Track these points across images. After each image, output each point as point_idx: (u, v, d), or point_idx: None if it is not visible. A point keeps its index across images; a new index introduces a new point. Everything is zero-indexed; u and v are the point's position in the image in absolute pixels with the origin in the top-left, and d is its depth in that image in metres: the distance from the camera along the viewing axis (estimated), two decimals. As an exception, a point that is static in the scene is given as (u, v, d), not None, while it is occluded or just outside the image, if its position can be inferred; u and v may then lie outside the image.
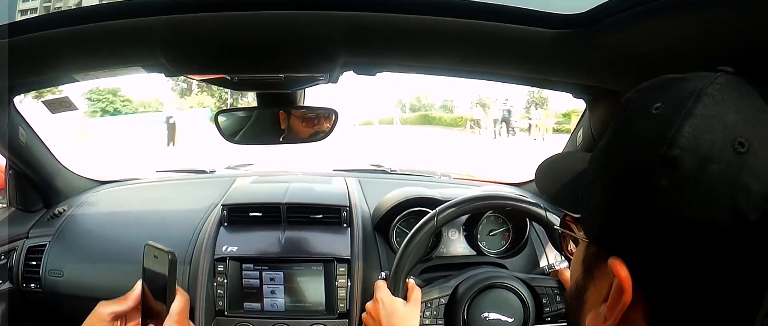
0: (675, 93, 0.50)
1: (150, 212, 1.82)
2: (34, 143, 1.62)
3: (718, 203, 0.45)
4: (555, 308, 1.29)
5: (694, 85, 0.49)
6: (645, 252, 0.49)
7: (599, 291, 0.55)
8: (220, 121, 1.51)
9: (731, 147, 0.45)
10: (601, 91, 1.19)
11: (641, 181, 0.48)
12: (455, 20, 0.94)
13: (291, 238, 1.58)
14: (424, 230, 1.26)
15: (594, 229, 0.56)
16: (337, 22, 0.95)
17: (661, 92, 0.51)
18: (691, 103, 0.47)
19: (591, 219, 0.57)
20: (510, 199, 1.33)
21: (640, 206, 0.48)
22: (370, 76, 1.22)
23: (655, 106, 0.50)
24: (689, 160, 0.46)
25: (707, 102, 0.47)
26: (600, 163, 0.57)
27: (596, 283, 0.56)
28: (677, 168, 0.46)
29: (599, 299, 0.55)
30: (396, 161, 2.48)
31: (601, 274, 0.55)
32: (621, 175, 0.51)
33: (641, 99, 0.53)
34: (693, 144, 0.46)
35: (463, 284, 1.28)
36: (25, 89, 1.37)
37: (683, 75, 0.52)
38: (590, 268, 0.57)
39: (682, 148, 0.46)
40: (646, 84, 0.55)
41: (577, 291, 0.61)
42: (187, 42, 1.01)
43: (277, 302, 1.52)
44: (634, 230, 0.50)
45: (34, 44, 1.01)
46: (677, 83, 0.51)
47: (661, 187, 0.46)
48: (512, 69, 1.13)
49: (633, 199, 0.49)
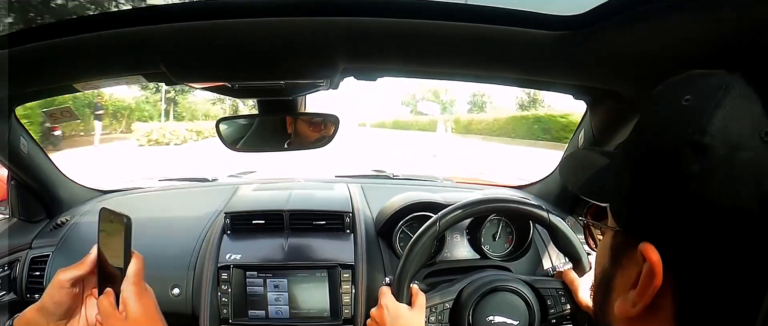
0: (703, 86, 0.52)
1: (153, 221, 1.82)
2: (35, 153, 1.62)
3: (747, 188, 0.47)
4: (560, 310, 1.28)
5: (721, 80, 0.51)
6: (675, 237, 0.51)
7: (627, 278, 0.57)
8: (222, 128, 1.51)
9: (759, 135, 0.48)
10: (601, 92, 1.19)
11: (673, 167, 0.50)
12: (454, 24, 0.94)
13: (294, 245, 1.58)
14: (427, 234, 1.26)
15: (623, 216, 0.58)
16: (336, 28, 0.96)
17: (690, 86, 0.53)
18: (721, 95, 0.50)
19: (620, 207, 0.59)
20: (512, 202, 1.33)
21: (672, 191, 0.50)
22: (370, 81, 1.23)
23: (685, 97, 0.52)
24: (720, 147, 0.48)
25: (734, 95, 0.49)
26: (629, 153, 0.59)
27: (624, 271, 0.58)
28: (708, 155, 0.48)
29: (627, 285, 0.56)
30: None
31: (629, 261, 0.56)
32: (652, 162, 0.53)
33: (670, 92, 0.55)
34: (723, 132, 0.48)
35: (467, 288, 1.28)
36: (26, 99, 1.37)
37: (710, 71, 0.54)
38: (618, 256, 0.59)
39: (714, 135, 0.48)
40: (674, 79, 0.57)
41: (603, 278, 0.63)
42: (187, 50, 1.01)
43: (282, 309, 1.51)
44: (664, 215, 0.51)
45: (35, 54, 1.01)
46: (704, 78, 0.53)
47: (693, 173, 0.49)
48: (512, 72, 1.13)
49: (664, 185, 0.51)
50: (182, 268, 1.59)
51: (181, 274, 1.58)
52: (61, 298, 0.89)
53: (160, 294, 1.55)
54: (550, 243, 1.63)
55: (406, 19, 0.94)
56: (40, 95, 1.35)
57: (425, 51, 1.05)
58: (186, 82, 1.19)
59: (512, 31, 0.95)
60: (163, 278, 1.58)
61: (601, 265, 0.64)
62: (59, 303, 0.89)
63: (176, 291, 1.56)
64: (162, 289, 1.57)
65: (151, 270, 1.59)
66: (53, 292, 0.89)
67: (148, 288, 0.95)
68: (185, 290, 1.56)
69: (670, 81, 0.57)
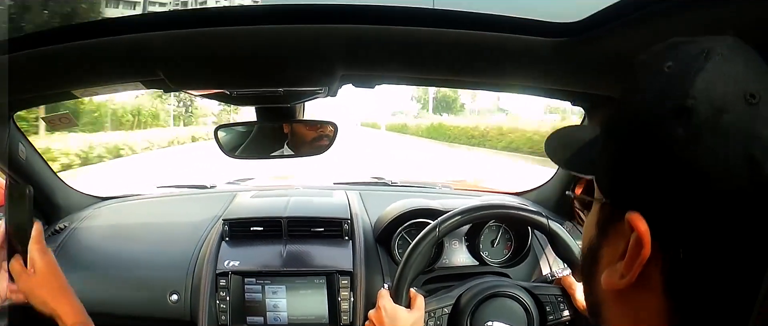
0: (685, 52, 0.51)
1: (151, 228, 1.82)
2: (33, 159, 1.62)
3: (734, 151, 0.46)
4: (558, 316, 1.28)
5: (704, 44, 0.50)
6: (663, 205, 0.49)
7: (614, 249, 0.55)
8: (220, 135, 1.51)
9: (743, 98, 0.46)
10: (599, 98, 1.20)
11: (657, 133, 0.49)
12: (453, 31, 0.94)
13: (293, 252, 1.58)
14: (425, 241, 1.26)
15: (609, 187, 0.57)
16: (334, 35, 0.96)
17: (672, 52, 0.52)
18: (703, 60, 0.48)
19: (606, 178, 0.58)
20: (511, 208, 1.33)
21: (657, 157, 0.49)
22: (368, 88, 1.23)
23: (667, 64, 0.51)
24: (704, 109, 0.47)
25: (717, 59, 0.48)
26: (613, 123, 0.58)
27: (611, 242, 0.56)
28: (693, 118, 0.47)
29: (615, 257, 0.55)
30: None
31: (616, 233, 0.55)
32: (635, 130, 0.52)
33: (652, 59, 0.54)
34: (707, 94, 0.47)
35: (466, 294, 1.28)
36: (25, 105, 1.38)
37: (692, 37, 0.53)
38: (605, 228, 0.58)
39: (697, 98, 0.47)
40: (656, 47, 0.55)
41: (590, 251, 0.61)
42: (186, 58, 1.02)
43: (280, 316, 1.51)
44: (651, 182, 0.50)
45: (34, 60, 1.01)
46: (687, 44, 0.52)
47: (678, 137, 0.47)
48: (510, 78, 1.13)
49: (649, 151, 0.50)
50: (180, 275, 1.59)
51: (180, 281, 1.58)
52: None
53: (159, 300, 1.56)
54: (548, 249, 1.63)
55: (405, 26, 0.94)
56: (38, 101, 1.35)
57: (424, 58, 1.05)
58: (184, 89, 1.19)
59: (510, 38, 0.95)
60: (161, 284, 1.58)
61: (588, 238, 0.62)
62: None
63: (174, 297, 1.56)
64: (160, 295, 1.57)
65: (149, 276, 1.60)
66: None
67: (47, 248, 1.10)
68: (183, 296, 1.56)
69: (651, 49, 0.56)
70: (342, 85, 1.23)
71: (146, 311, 1.57)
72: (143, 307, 1.57)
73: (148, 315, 1.57)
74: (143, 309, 1.57)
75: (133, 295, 1.57)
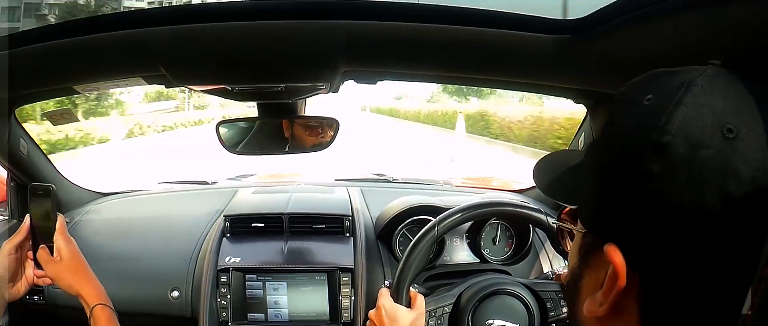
0: (665, 84, 0.51)
1: (152, 224, 1.82)
2: (35, 155, 1.62)
3: (709, 187, 0.46)
4: (559, 312, 1.28)
5: (684, 76, 0.50)
6: (638, 238, 0.50)
7: (595, 278, 0.56)
8: (222, 131, 1.51)
9: (720, 133, 0.46)
10: (601, 96, 1.19)
11: (634, 168, 0.49)
12: (455, 27, 0.94)
13: (294, 248, 1.58)
14: (426, 238, 1.25)
15: (588, 218, 0.58)
16: (336, 31, 0.96)
17: (652, 85, 0.53)
18: (681, 93, 0.49)
19: (586, 209, 0.59)
20: (512, 206, 1.33)
21: (633, 192, 0.50)
22: (370, 84, 1.23)
23: (647, 97, 0.51)
24: (680, 145, 0.47)
25: (696, 92, 0.48)
26: (593, 153, 0.60)
27: (592, 272, 0.58)
28: (669, 154, 0.47)
29: (596, 286, 0.56)
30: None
31: (597, 263, 0.56)
32: (614, 163, 0.53)
33: (633, 91, 0.55)
34: (684, 130, 0.47)
35: (467, 291, 1.28)
36: (26, 101, 1.37)
37: (675, 69, 0.54)
38: (586, 257, 0.59)
39: (673, 134, 0.47)
40: (638, 78, 0.57)
41: (573, 279, 0.62)
42: (187, 53, 1.01)
43: (281, 312, 1.51)
44: (627, 216, 0.51)
45: (35, 56, 1.01)
46: (668, 76, 0.53)
47: (654, 173, 0.48)
48: (512, 75, 1.13)
49: (626, 186, 0.50)
50: (181, 271, 1.59)
51: (181, 277, 1.58)
52: (8, 264, 1.15)
53: (160, 297, 1.56)
54: (548, 246, 1.63)
55: (407, 22, 0.94)
56: (40, 97, 1.35)
57: (425, 54, 1.05)
58: (185, 84, 1.19)
59: (513, 34, 0.95)
60: (162, 281, 1.58)
61: (571, 265, 0.64)
62: (7, 267, 1.15)
63: (175, 293, 1.56)
64: (161, 292, 1.57)
65: (150, 272, 1.60)
66: (2, 260, 1.15)
67: (70, 237, 1.21)
68: (184, 293, 1.56)
69: (633, 81, 0.57)
70: (344, 81, 1.22)
71: (147, 307, 1.58)
72: (144, 303, 1.57)
73: (149, 312, 1.58)
74: (144, 305, 1.57)
75: (134, 291, 1.57)
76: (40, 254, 1.17)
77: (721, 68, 0.51)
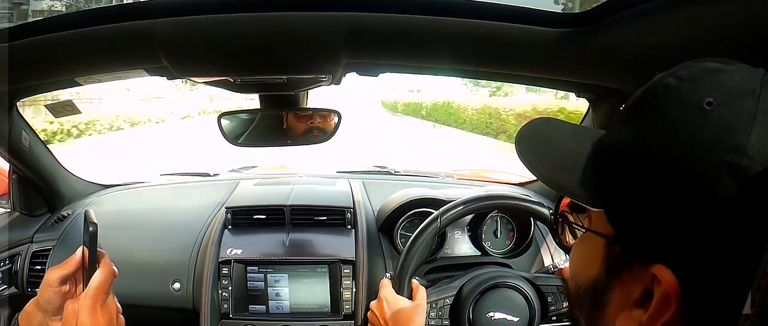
0: (726, 87, 0.47)
1: (154, 215, 1.82)
2: (37, 147, 1.62)
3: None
4: (560, 307, 1.29)
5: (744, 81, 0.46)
6: (699, 264, 0.47)
7: (628, 293, 0.52)
8: (224, 123, 1.51)
9: None
10: (604, 89, 1.19)
11: (704, 190, 0.45)
12: (458, 20, 0.94)
13: (295, 240, 1.58)
14: (428, 230, 1.26)
15: (627, 232, 0.52)
16: (339, 23, 0.95)
17: (709, 84, 0.48)
18: (753, 103, 0.45)
19: (623, 221, 0.53)
20: (514, 199, 1.33)
21: (702, 215, 0.45)
22: (372, 76, 1.22)
23: (707, 100, 0.46)
24: (757, 169, 0.43)
25: (764, 105, 0.45)
26: (634, 158, 0.51)
27: (624, 286, 0.53)
28: (746, 179, 0.43)
29: (628, 302, 0.52)
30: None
31: (632, 277, 0.52)
32: (674, 179, 0.47)
33: (684, 89, 0.49)
34: (762, 153, 0.43)
35: (468, 284, 1.28)
36: (27, 93, 1.37)
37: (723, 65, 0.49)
38: (617, 269, 0.54)
39: (752, 157, 0.43)
40: (686, 71, 0.50)
41: (596, 290, 0.57)
42: (189, 44, 1.01)
43: (283, 304, 1.52)
44: (689, 240, 0.47)
45: (37, 48, 1.01)
46: (722, 75, 0.48)
47: (729, 197, 0.44)
48: (515, 68, 1.13)
49: (692, 208, 0.46)
50: (183, 263, 1.59)
51: (182, 269, 1.58)
52: (50, 296, 0.88)
53: (161, 289, 1.56)
54: (550, 239, 1.63)
55: (410, 14, 0.94)
56: (41, 89, 1.35)
57: (428, 47, 1.05)
58: (187, 76, 1.19)
59: (516, 28, 0.94)
60: (163, 273, 1.59)
61: (590, 274, 0.58)
62: (49, 300, 0.88)
63: (177, 285, 1.57)
64: (163, 284, 1.58)
65: (152, 264, 1.60)
66: (43, 290, 0.89)
67: (109, 302, 0.91)
68: (186, 285, 1.57)
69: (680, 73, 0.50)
70: (346, 74, 1.22)
71: (148, 299, 1.58)
72: (145, 295, 1.58)
73: (151, 304, 1.58)
74: (145, 297, 1.58)
75: (136, 283, 1.57)
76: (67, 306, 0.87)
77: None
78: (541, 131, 0.68)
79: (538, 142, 0.66)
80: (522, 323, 1.25)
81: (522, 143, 0.65)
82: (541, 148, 0.65)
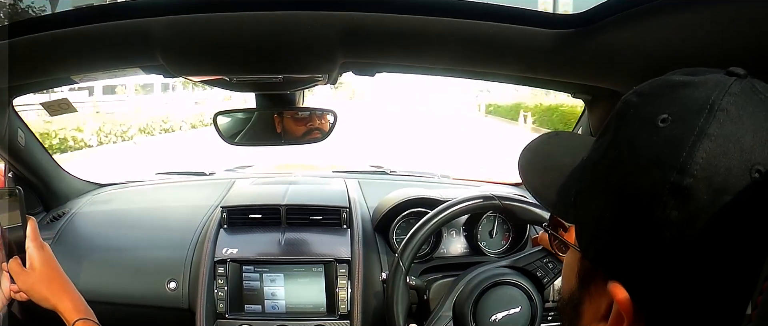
0: (683, 103, 0.45)
1: (150, 214, 1.82)
2: (33, 146, 1.62)
3: (733, 236, 0.41)
4: (552, 275, 1.27)
5: (705, 93, 0.44)
6: (647, 281, 0.46)
7: (597, 307, 0.52)
8: (219, 122, 1.51)
9: (748, 173, 0.41)
10: (600, 90, 1.20)
11: (648, 211, 0.44)
12: (453, 20, 0.94)
13: (291, 240, 1.58)
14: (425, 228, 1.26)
15: (591, 248, 0.52)
16: (334, 22, 0.95)
17: (667, 100, 0.46)
18: (704, 120, 0.42)
19: (587, 237, 0.53)
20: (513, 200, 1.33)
21: (646, 237, 0.45)
22: (369, 76, 1.23)
23: (661, 117, 0.45)
24: (703, 190, 0.41)
25: (722, 119, 0.42)
26: (596, 176, 0.52)
27: (593, 299, 0.53)
28: (689, 200, 0.42)
29: (597, 315, 0.52)
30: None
31: (598, 291, 0.52)
32: (623, 198, 0.47)
33: (643, 106, 0.48)
34: (707, 172, 0.41)
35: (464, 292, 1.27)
36: (24, 91, 1.37)
37: (689, 78, 0.47)
38: (586, 283, 0.54)
39: (696, 176, 0.41)
40: (648, 86, 0.50)
41: (571, 303, 0.58)
42: (185, 43, 1.01)
43: (278, 304, 1.52)
44: (636, 258, 0.46)
45: (34, 46, 1.01)
46: (684, 89, 0.46)
47: (670, 220, 0.43)
48: (510, 69, 1.13)
49: (637, 228, 0.45)
50: (179, 262, 1.59)
51: (178, 268, 1.58)
52: None
53: (157, 288, 1.56)
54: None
55: (406, 14, 0.94)
56: (37, 87, 1.35)
57: (425, 47, 1.05)
58: (184, 74, 1.19)
59: (512, 28, 0.95)
60: (159, 272, 1.59)
61: (569, 286, 0.59)
62: None
63: (173, 285, 1.57)
64: (158, 283, 1.57)
65: (147, 263, 1.60)
66: None
67: (44, 244, 1.12)
68: (182, 284, 1.57)
69: (644, 88, 0.50)
70: (342, 73, 1.22)
71: (144, 298, 1.58)
72: (141, 294, 1.58)
73: (146, 303, 1.58)
74: (141, 296, 1.58)
75: (131, 282, 1.57)
76: (11, 265, 1.06)
77: (746, 80, 0.45)
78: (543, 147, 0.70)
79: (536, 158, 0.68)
80: (525, 312, 1.24)
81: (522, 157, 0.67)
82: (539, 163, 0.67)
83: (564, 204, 0.57)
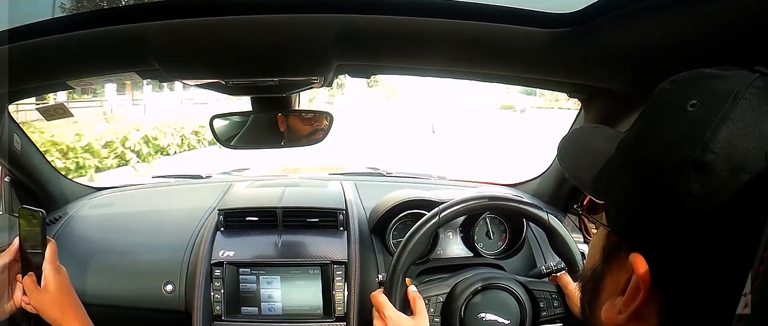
0: (711, 91, 0.49)
1: (146, 218, 1.82)
2: (29, 150, 1.62)
3: (749, 213, 0.44)
4: (552, 313, 1.28)
5: (731, 85, 0.48)
6: (667, 253, 0.49)
7: (616, 281, 0.56)
8: (216, 125, 1.51)
9: (765, 156, 0.44)
10: (595, 89, 1.20)
11: (671, 184, 0.48)
12: (448, 21, 0.94)
13: (288, 242, 1.58)
14: (424, 228, 1.25)
15: (617, 221, 0.56)
16: (330, 25, 0.96)
17: (697, 88, 0.50)
18: (728, 107, 0.46)
19: (615, 211, 0.57)
20: (513, 201, 1.33)
21: (668, 208, 0.48)
22: (364, 78, 1.23)
23: (691, 102, 0.49)
24: (722, 167, 0.45)
25: (744, 107, 0.46)
26: (628, 155, 0.56)
27: (614, 273, 0.56)
28: (710, 175, 0.45)
29: (616, 290, 0.55)
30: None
31: (620, 265, 0.55)
32: (650, 173, 0.51)
33: (676, 92, 0.52)
34: (727, 150, 0.45)
35: (461, 284, 1.28)
36: (21, 96, 1.37)
37: (719, 71, 0.51)
38: (609, 258, 0.58)
39: (717, 153, 0.45)
40: (681, 77, 0.54)
41: (593, 277, 0.61)
42: (180, 47, 1.01)
43: (275, 306, 1.51)
44: (658, 230, 0.49)
45: (30, 51, 1.01)
46: (713, 80, 0.50)
47: (692, 193, 0.46)
48: (506, 69, 1.13)
49: (661, 200, 0.49)
50: (175, 265, 1.59)
51: (174, 271, 1.58)
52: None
53: (153, 291, 1.56)
54: (544, 242, 1.63)
55: (400, 16, 0.94)
56: (34, 92, 1.35)
57: (420, 48, 1.05)
58: (179, 78, 1.19)
59: (507, 28, 0.95)
60: (156, 275, 1.58)
61: (593, 262, 0.62)
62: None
63: (169, 287, 1.56)
64: (155, 286, 1.57)
65: (144, 266, 1.60)
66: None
67: (61, 267, 1.15)
68: (178, 287, 1.56)
69: (677, 79, 0.54)
70: (337, 75, 1.23)
71: (141, 301, 1.58)
72: (138, 297, 1.58)
73: (143, 306, 1.58)
74: (138, 299, 1.58)
75: (128, 285, 1.57)
76: (26, 282, 1.11)
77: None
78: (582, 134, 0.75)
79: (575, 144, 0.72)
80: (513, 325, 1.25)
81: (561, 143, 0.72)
82: (577, 148, 0.71)
83: (597, 184, 0.61)
